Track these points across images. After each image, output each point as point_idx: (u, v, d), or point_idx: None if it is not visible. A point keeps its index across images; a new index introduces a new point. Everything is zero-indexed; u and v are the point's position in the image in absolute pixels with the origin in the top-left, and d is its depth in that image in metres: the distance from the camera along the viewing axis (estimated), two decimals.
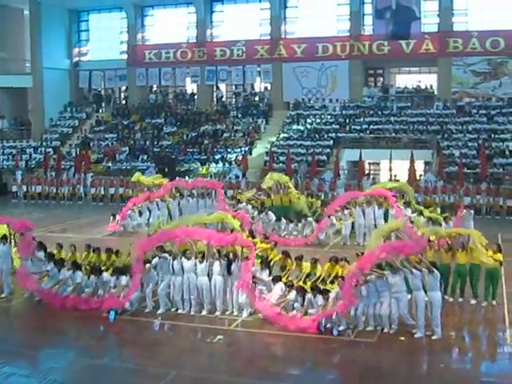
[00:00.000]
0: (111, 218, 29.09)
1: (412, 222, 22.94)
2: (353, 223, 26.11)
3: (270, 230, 25.86)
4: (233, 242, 17.06)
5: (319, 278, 17.47)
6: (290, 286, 16.41)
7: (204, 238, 17.24)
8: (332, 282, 16.84)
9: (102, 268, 18.11)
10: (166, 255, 17.06)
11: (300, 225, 26.45)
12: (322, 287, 16.11)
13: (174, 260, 16.98)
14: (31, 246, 18.49)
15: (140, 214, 28.89)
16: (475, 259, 17.62)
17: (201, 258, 16.83)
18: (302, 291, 16.04)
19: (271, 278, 16.97)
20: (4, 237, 18.93)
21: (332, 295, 15.54)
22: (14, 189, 41.15)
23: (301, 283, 16.93)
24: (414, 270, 15.05)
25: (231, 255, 16.95)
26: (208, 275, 16.87)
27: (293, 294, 16.06)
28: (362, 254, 17.59)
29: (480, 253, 17.37)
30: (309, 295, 15.87)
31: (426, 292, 15.15)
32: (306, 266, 18.14)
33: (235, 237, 17.45)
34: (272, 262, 18.60)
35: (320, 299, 15.62)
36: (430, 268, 15.08)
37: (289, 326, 15.45)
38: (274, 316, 15.85)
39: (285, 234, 26.23)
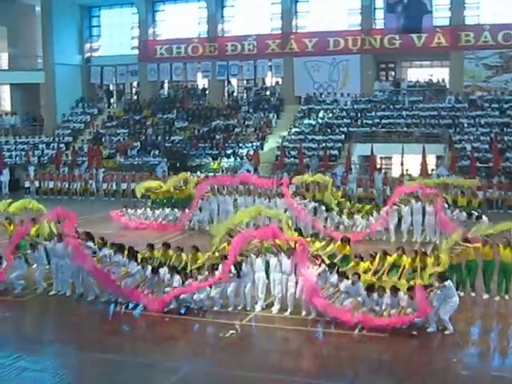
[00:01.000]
0: (123, 208, 29.48)
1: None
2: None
3: None
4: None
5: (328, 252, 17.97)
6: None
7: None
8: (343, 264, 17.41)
9: None
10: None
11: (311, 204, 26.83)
12: (340, 269, 16.33)
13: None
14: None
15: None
16: (488, 255, 17.64)
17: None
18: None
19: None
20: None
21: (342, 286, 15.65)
22: (27, 184, 41.38)
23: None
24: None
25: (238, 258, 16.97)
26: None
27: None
28: (375, 254, 17.69)
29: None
30: (325, 267, 16.12)
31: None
32: (319, 244, 18.23)
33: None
34: None
35: (335, 278, 15.76)
36: (440, 284, 15.01)
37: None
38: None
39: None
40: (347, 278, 15.84)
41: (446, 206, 25.46)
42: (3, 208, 22.97)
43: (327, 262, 16.66)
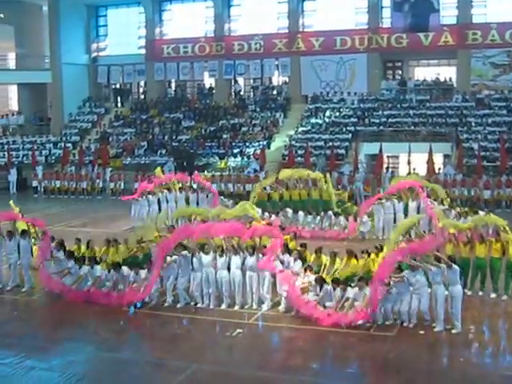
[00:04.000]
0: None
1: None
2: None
3: (289, 223, 25.67)
4: (252, 235, 17.07)
5: (336, 270, 17.50)
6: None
7: (224, 232, 17.24)
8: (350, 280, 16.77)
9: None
10: (186, 253, 17.04)
11: (318, 217, 26.41)
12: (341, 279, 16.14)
13: (193, 257, 16.96)
14: (49, 249, 18.41)
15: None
16: (495, 252, 17.55)
17: (220, 251, 16.84)
18: (320, 281, 16.03)
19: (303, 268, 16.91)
20: (24, 231, 19.02)
21: (350, 294, 15.47)
22: (35, 184, 41.38)
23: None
24: (432, 268, 14.96)
25: (249, 249, 16.93)
26: (228, 269, 16.84)
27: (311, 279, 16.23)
28: (381, 247, 17.62)
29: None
30: (328, 287, 15.82)
31: (446, 286, 15.05)
32: (325, 259, 18.08)
33: (253, 229, 17.44)
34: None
35: (338, 291, 15.62)
36: (449, 263, 14.99)
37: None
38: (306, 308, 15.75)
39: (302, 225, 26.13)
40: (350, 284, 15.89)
41: None
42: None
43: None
